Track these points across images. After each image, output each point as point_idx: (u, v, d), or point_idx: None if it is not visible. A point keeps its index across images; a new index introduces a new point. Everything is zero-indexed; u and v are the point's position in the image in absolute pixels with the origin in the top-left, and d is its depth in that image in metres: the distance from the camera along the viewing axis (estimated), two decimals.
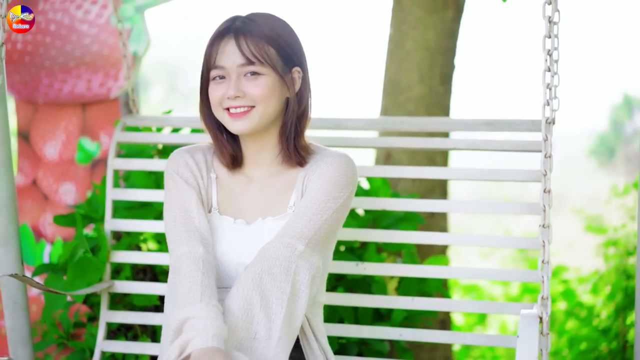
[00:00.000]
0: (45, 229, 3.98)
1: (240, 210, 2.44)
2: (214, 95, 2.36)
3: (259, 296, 2.20)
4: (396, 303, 2.96)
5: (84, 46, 3.83)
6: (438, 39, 3.96)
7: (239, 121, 2.34)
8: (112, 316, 3.07)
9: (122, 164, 3.15)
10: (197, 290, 2.19)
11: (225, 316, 2.18)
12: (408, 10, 3.96)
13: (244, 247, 2.38)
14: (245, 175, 2.47)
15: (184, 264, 2.27)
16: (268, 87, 2.33)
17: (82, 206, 3.32)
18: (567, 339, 4.68)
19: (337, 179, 2.36)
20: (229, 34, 2.34)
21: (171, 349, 2.12)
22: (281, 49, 2.35)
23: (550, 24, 2.50)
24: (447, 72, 4.01)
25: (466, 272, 2.95)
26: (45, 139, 3.99)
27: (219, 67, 2.34)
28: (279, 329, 2.18)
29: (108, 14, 3.82)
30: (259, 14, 2.39)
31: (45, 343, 3.29)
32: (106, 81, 3.88)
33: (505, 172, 2.87)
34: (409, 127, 3.06)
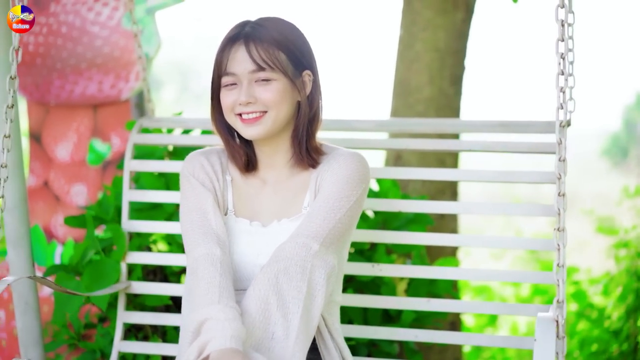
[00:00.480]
0: (56, 230, 4.00)
1: (256, 213, 2.46)
2: (225, 102, 2.37)
3: (275, 296, 2.21)
4: (409, 304, 2.96)
5: (95, 48, 3.85)
6: (448, 40, 3.95)
7: (251, 127, 2.36)
8: (129, 317, 3.07)
9: (138, 166, 3.15)
10: (215, 292, 2.21)
11: (243, 316, 2.19)
12: (418, 12, 3.96)
13: (260, 249, 2.39)
14: (259, 179, 2.49)
15: (202, 265, 2.29)
16: (279, 92, 2.34)
17: (92, 207, 3.33)
18: (578, 341, 4.67)
19: (349, 178, 2.37)
20: (239, 40, 2.34)
21: (190, 350, 2.13)
22: (291, 54, 2.36)
23: (563, 27, 2.49)
24: (457, 74, 4.01)
25: (481, 273, 2.94)
26: (57, 141, 4.01)
27: (230, 74, 2.34)
28: (296, 329, 2.19)
29: (119, 16, 3.83)
30: (268, 19, 2.40)
31: (56, 344, 3.30)
32: (117, 83, 3.90)
33: (519, 174, 2.85)
34: (422, 128, 3.05)
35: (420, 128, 3.06)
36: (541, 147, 2.84)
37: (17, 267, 3.01)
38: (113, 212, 3.23)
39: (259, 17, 2.42)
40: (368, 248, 3.22)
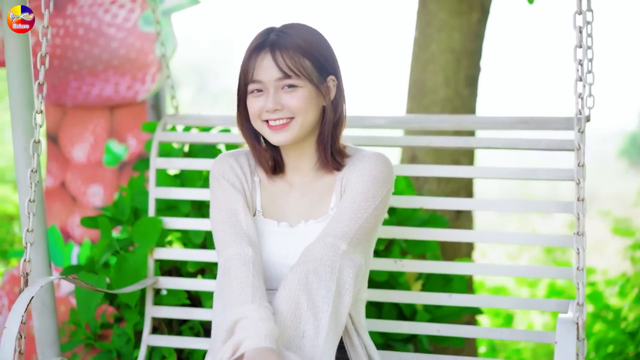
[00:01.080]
0: (73, 231, 4.03)
1: (283, 214, 2.51)
2: (253, 108, 2.41)
3: (305, 295, 2.26)
4: (429, 299, 2.97)
5: (112, 50, 3.88)
6: (463, 42, 3.95)
7: (279, 133, 2.40)
8: (158, 311, 3.11)
9: (163, 163, 3.18)
10: (248, 292, 2.26)
11: (274, 316, 2.25)
12: (433, 13, 3.96)
13: (287, 250, 2.44)
14: (286, 181, 2.53)
15: (234, 265, 2.34)
16: (305, 99, 2.38)
17: (108, 208, 3.35)
18: (594, 342, 4.65)
19: (374, 178, 2.41)
20: (264, 48, 2.38)
21: (224, 349, 2.18)
22: (316, 60, 2.40)
23: (580, 34, 2.50)
24: (472, 75, 4.00)
25: (501, 269, 2.99)
26: (74, 142, 4.04)
27: (257, 81, 2.38)
28: (326, 327, 2.25)
29: (135, 17, 3.85)
30: (291, 26, 2.43)
31: (73, 344, 3.32)
32: (133, 84, 3.92)
33: (537, 171, 2.86)
34: (440, 125, 3.05)
35: (438, 125, 3.06)
36: (560, 145, 2.84)
37: (34, 267, 3.02)
38: (129, 213, 3.25)
39: (283, 24, 2.45)
40: (383, 249, 3.22)
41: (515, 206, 2.95)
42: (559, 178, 2.83)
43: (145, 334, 3.09)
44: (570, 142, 2.77)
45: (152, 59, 3.87)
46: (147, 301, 3.10)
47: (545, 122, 2.95)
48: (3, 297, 4.03)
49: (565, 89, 15.72)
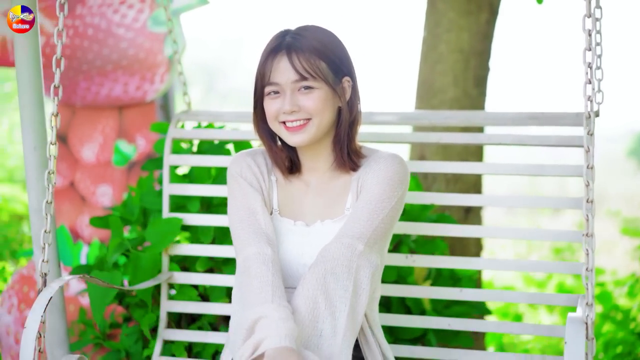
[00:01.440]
0: (82, 230, 4.04)
1: (299, 213, 2.54)
2: (270, 110, 2.45)
3: (323, 295, 2.30)
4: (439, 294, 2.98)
5: (121, 50, 3.88)
6: (472, 42, 3.94)
7: (296, 134, 2.44)
8: (172, 306, 3.13)
9: (177, 160, 3.20)
10: (268, 291, 2.29)
11: (293, 315, 2.28)
12: (442, 13, 3.95)
13: (304, 249, 2.48)
14: (302, 181, 2.57)
15: (254, 264, 2.37)
16: (321, 100, 2.41)
17: (117, 208, 3.36)
18: (602, 342, 4.65)
19: (390, 179, 2.44)
20: (281, 51, 2.41)
21: (245, 347, 2.21)
22: (331, 62, 2.43)
23: (590, 37, 2.50)
24: (481, 75, 3.99)
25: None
26: (83, 142, 4.05)
27: (274, 84, 2.42)
28: (343, 327, 2.29)
29: (144, 18, 3.86)
30: (306, 28, 2.46)
31: (82, 343, 3.33)
32: (142, 84, 3.93)
33: (546, 167, 2.88)
34: (451, 121, 3.05)
35: (447, 121, 3.06)
36: (570, 141, 2.85)
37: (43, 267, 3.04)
38: (138, 213, 3.26)
39: (298, 26, 2.48)
40: (391, 249, 3.22)
41: (524, 202, 2.97)
42: (567, 174, 2.85)
43: (161, 328, 3.12)
44: (579, 138, 2.79)
45: (161, 59, 3.88)
46: (162, 296, 3.13)
47: (555, 117, 2.96)
48: (12, 297, 4.04)
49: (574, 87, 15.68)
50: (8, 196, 7.97)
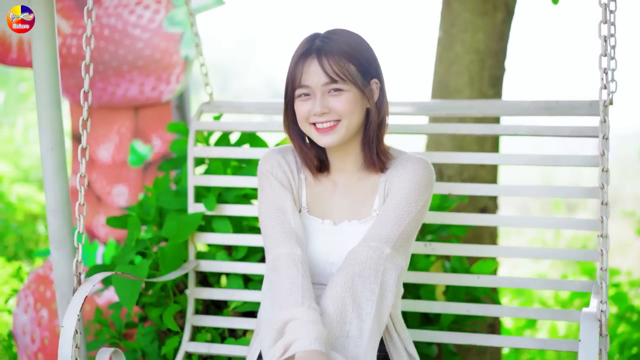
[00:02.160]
0: (98, 230, 4.05)
1: (327, 212, 2.61)
2: (301, 112, 2.52)
3: (351, 298, 2.38)
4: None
5: (137, 50, 3.89)
6: (488, 42, 3.94)
7: (327, 135, 2.50)
8: (200, 293, 3.20)
9: (201, 152, 3.24)
10: (298, 293, 2.37)
11: (322, 316, 2.35)
12: (457, 13, 3.95)
13: (331, 247, 2.56)
14: (330, 180, 2.63)
15: (284, 264, 2.45)
16: (351, 102, 2.48)
17: (133, 208, 3.37)
18: (618, 343, 4.63)
19: (417, 183, 2.51)
20: (311, 55, 2.48)
21: (275, 349, 2.28)
22: (360, 65, 2.50)
23: (606, 42, 2.55)
24: (497, 75, 3.99)
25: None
26: (99, 142, 4.06)
27: (304, 86, 2.50)
28: (369, 328, 2.36)
29: (160, 18, 3.87)
30: (335, 32, 2.52)
31: (98, 343, 3.34)
32: (158, 85, 3.94)
33: (561, 158, 2.91)
34: (467, 111, 3.08)
35: (464, 111, 3.08)
36: (587, 131, 2.88)
37: (60, 267, 3.05)
38: (154, 213, 3.27)
39: (327, 30, 2.54)
40: None
41: (539, 192, 3.00)
42: (583, 163, 2.87)
43: (189, 315, 3.18)
44: (594, 128, 2.82)
45: (176, 60, 3.89)
46: (190, 284, 3.20)
47: (569, 106, 2.98)
48: (29, 296, 4.06)
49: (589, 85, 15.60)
50: (23, 196, 8.00)
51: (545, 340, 3.06)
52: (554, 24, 17.14)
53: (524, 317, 3.13)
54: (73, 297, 2.59)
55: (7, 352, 4.35)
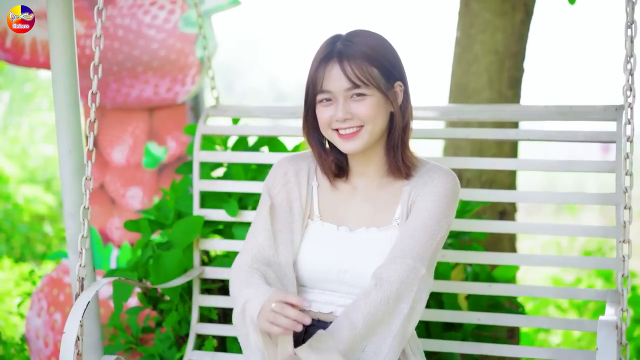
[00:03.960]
0: (112, 233, 4.01)
1: (343, 218, 2.52)
2: (322, 118, 2.44)
3: (382, 315, 2.34)
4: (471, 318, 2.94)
5: (152, 51, 3.85)
6: (507, 42, 3.89)
7: (349, 142, 2.42)
8: (205, 300, 3.13)
9: (206, 157, 3.19)
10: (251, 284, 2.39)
11: (348, 328, 2.32)
12: (476, 14, 3.90)
13: (346, 254, 2.46)
14: (349, 185, 2.55)
15: (242, 271, 2.45)
16: (374, 107, 2.39)
17: (150, 211, 3.32)
18: (634, 347, 4.60)
19: (447, 197, 2.43)
20: (332, 59, 2.40)
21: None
22: (383, 68, 2.41)
23: (632, 43, 2.53)
24: (516, 76, 3.94)
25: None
26: (113, 144, 4.02)
27: (326, 92, 2.41)
28: (387, 346, 2.34)
29: (175, 19, 3.83)
30: (357, 33, 2.44)
31: (115, 348, 3.30)
32: (173, 86, 3.89)
33: (581, 163, 2.87)
34: (479, 115, 3.03)
35: (477, 115, 3.04)
36: (603, 136, 2.84)
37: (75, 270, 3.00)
38: (173, 216, 3.22)
39: (348, 31, 2.46)
40: None
41: (557, 198, 2.97)
42: (602, 169, 2.83)
43: (193, 322, 3.11)
44: (609, 133, 2.79)
45: (192, 60, 3.84)
46: (194, 291, 3.13)
47: (583, 112, 2.93)
48: (42, 300, 4.01)
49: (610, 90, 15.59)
50: (30, 197, 7.96)
51: (561, 350, 2.99)
52: (572, 23, 17.07)
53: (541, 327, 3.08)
54: (75, 303, 2.54)
55: (20, 356, 4.31)
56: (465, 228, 3.02)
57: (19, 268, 6.22)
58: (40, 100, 10.68)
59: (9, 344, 4.36)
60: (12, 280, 5.79)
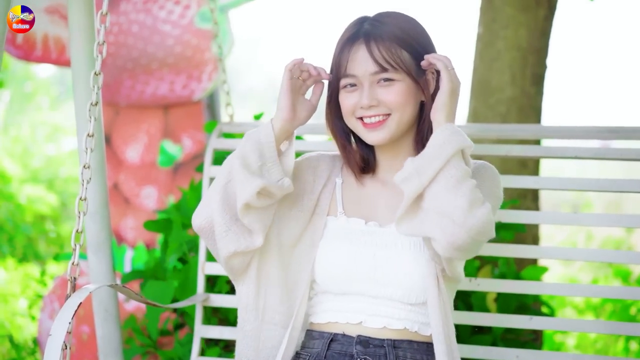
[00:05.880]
0: (126, 234, 3.92)
1: (372, 213, 2.30)
2: (346, 105, 2.23)
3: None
4: (509, 322, 2.85)
5: (167, 47, 3.76)
6: (530, 38, 3.80)
7: (375, 132, 2.21)
8: (207, 331, 2.90)
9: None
10: None
11: None
12: (499, 9, 3.82)
13: (375, 250, 2.23)
14: (378, 180, 2.33)
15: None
16: (403, 94, 2.18)
17: (170, 211, 3.23)
18: None
19: (498, 192, 2.24)
20: (358, 40, 2.20)
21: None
22: (414, 51, 2.20)
23: None
24: (539, 73, 3.85)
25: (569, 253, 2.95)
26: (127, 142, 3.93)
27: (350, 76, 2.20)
28: None
29: (192, 14, 3.74)
30: (387, 14, 2.24)
31: (132, 351, 3.21)
32: (189, 83, 3.81)
33: (624, 183, 2.73)
34: (523, 134, 2.90)
35: (523, 134, 2.90)
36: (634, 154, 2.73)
37: (97, 273, 2.92)
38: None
39: (377, 12, 2.27)
40: None
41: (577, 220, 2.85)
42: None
43: (194, 356, 2.86)
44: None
45: (208, 57, 3.76)
46: (196, 320, 2.88)
47: (612, 131, 2.81)
48: (54, 302, 3.92)
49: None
50: (32, 197, 7.87)
51: (604, 358, 2.91)
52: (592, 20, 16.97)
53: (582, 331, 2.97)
54: (64, 305, 2.26)
55: (31, 358, 4.23)
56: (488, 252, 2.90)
57: (24, 269, 6.14)
58: (40, 99, 10.59)
59: (20, 346, 4.27)
60: (17, 281, 5.72)
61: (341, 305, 2.25)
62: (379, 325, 2.21)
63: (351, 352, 2.19)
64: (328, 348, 2.21)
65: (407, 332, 2.21)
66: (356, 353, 2.19)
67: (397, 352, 2.19)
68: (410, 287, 2.18)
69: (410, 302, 2.20)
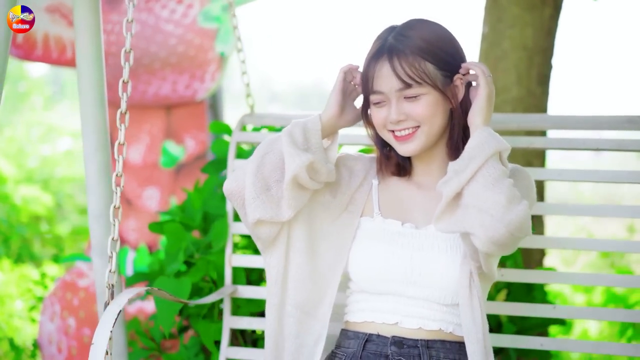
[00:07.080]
0: (128, 235, 3.88)
1: (408, 215, 2.33)
2: (377, 119, 2.29)
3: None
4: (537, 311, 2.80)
5: (170, 47, 3.72)
6: (536, 38, 3.78)
7: (406, 144, 2.27)
8: (236, 322, 2.93)
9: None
10: None
11: None
12: (504, 8, 3.79)
13: (412, 252, 2.26)
14: (414, 183, 2.38)
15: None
16: (430, 106, 2.23)
17: (174, 213, 3.19)
18: None
19: (532, 194, 2.25)
20: (383, 56, 2.23)
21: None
22: (440, 61, 2.23)
23: None
24: (545, 73, 3.83)
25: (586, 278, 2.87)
26: (129, 143, 3.89)
27: (378, 92, 2.26)
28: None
29: (194, 13, 3.70)
30: (411, 26, 2.26)
31: (137, 354, 3.17)
32: (192, 83, 3.77)
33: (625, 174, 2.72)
34: (507, 125, 2.88)
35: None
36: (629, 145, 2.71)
37: (102, 276, 2.88)
38: (200, 218, 3.08)
39: (404, 22, 2.29)
40: None
41: (605, 210, 2.80)
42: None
43: (224, 346, 2.89)
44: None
45: (211, 57, 3.72)
46: (225, 312, 2.92)
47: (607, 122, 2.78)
48: (55, 304, 3.88)
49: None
50: (28, 197, 7.82)
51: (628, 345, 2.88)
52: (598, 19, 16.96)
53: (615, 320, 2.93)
54: (104, 312, 2.30)
55: None
56: None
57: (19, 270, 6.09)
58: (34, 99, 10.54)
59: (20, 349, 4.23)
60: (13, 282, 5.67)
61: (377, 305, 2.29)
62: (414, 326, 2.24)
63: (386, 353, 2.23)
64: (364, 348, 2.25)
65: (442, 333, 2.24)
66: (391, 354, 2.22)
67: (430, 352, 2.22)
68: (446, 289, 2.21)
69: (446, 303, 2.23)
